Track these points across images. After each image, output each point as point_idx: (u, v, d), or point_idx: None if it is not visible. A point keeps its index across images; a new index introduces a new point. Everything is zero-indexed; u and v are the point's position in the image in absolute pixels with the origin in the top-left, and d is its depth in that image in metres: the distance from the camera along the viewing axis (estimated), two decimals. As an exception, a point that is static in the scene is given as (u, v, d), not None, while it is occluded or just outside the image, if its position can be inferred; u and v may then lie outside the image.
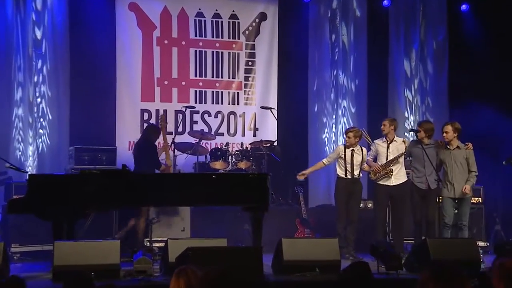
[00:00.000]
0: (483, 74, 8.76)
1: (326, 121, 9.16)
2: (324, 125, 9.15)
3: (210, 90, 8.80)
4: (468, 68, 8.90)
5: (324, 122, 9.15)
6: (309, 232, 7.61)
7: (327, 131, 9.16)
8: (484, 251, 6.92)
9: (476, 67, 8.83)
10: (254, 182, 5.98)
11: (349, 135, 7.06)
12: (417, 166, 6.85)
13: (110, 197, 5.60)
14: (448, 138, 6.68)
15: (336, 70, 9.20)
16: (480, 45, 8.85)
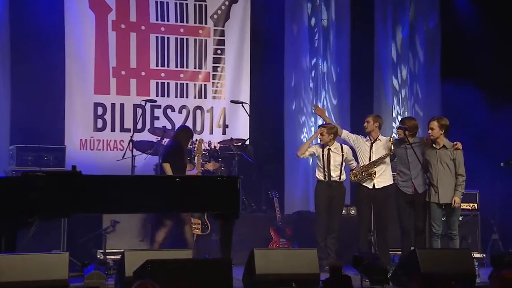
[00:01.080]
0: (479, 64, 8.88)
1: (305, 119, 9.19)
2: (303, 125, 9.19)
3: (173, 81, 8.75)
4: (463, 58, 9.02)
5: (303, 121, 9.18)
6: (284, 242, 7.63)
7: (306, 130, 9.20)
8: (480, 263, 7.03)
9: (472, 56, 8.95)
10: (224, 185, 5.96)
11: (322, 132, 7.10)
12: (402, 169, 6.89)
13: (57, 204, 5.50)
14: (433, 136, 6.68)
15: (316, 58, 9.25)
16: (476, 32, 8.99)
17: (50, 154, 7.41)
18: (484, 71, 8.85)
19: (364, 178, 6.97)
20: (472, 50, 8.89)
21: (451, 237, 6.63)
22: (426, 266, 5.57)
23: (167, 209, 6.12)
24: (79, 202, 5.53)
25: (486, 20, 8.89)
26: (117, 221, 6.95)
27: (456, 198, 6.57)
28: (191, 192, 5.84)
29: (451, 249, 6.53)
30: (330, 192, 7.00)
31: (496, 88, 8.90)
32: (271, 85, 9.05)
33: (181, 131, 7.31)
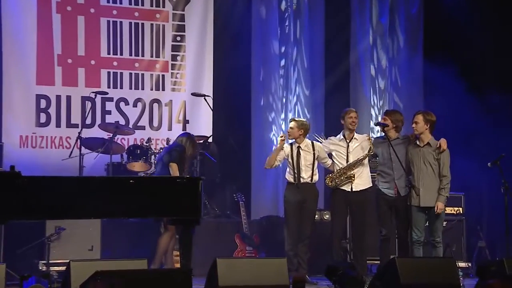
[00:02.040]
0: (464, 52, 9.02)
1: (275, 116, 9.22)
2: (272, 122, 9.22)
3: (127, 71, 8.70)
4: (447, 47, 9.14)
5: (272, 117, 9.21)
6: (251, 250, 7.64)
7: (275, 129, 9.23)
8: (465, 273, 7.12)
9: (458, 45, 9.08)
10: (183, 188, 5.92)
11: (291, 125, 7.05)
12: (384, 169, 6.90)
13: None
14: (418, 131, 6.71)
15: (287, 45, 9.28)
16: (462, 19, 9.10)
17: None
18: (470, 59, 9.01)
19: (342, 182, 6.97)
20: (457, 38, 9.02)
21: (434, 245, 6.68)
22: (406, 276, 5.60)
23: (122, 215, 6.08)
24: (18, 207, 5.44)
25: (471, 5, 9.02)
26: (62, 228, 6.88)
27: (440, 203, 6.61)
28: (146, 195, 5.79)
29: (434, 258, 6.59)
30: (301, 195, 6.99)
31: (483, 77, 9.05)
32: (237, 76, 9.07)
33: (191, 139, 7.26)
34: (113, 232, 7.28)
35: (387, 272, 5.84)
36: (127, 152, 8.06)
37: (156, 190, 5.88)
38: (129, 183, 5.85)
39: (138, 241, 7.37)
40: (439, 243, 6.69)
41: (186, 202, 5.87)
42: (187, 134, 7.35)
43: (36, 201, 5.50)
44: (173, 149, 7.02)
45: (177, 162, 6.94)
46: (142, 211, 5.90)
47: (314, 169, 7.06)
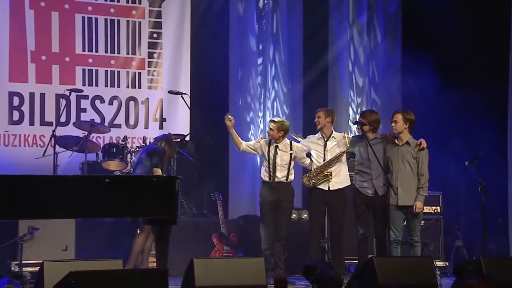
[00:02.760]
0: (443, 51, 9.08)
1: (253, 115, 9.23)
2: (251, 122, 9.24)
3: (102, 69, 8.66)
4: (426, 45, 9.20)
5: (251, 117, 9.21)
6: (229, 250, 7.64)
7: (253, 128, 9.23)
8: (443, 273, 7.18)
9: (436, 43, 9.14)
10: (159, 187, 5.92)
11: (271, 126, 7.04)
12: (362, 168, 6.93)
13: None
14: (397, 130, 6.75)
15: (265, 42, 9.29)
16: (440, 16, 9.16)
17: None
18: (448, 56, 9.07)
19: (320, 180, 6.97)
20: (435, 35, 9.08)
21: (412, 244, 6.72)
22: (384, 276, 5.63)
23: (97, 214, 6.05)
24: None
25: (449, 2, 9.10)
26: (35, 227, 6.83)
27: (418, 202, 6.65)
28: (121, 195, 5.78)
29: (412, 257, 6.63)
30: (276, 195, 6.98)
31: (462, 74, 9.12)
32: (215, 73, 9.06)
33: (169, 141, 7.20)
34: (88, 232, 7.24)
35: (365, 271, 5.87)
36: (102, 150, 8.03)
37: (132, 190, 5.87)
38: (104, 182, 5.83)
39: (113, 241, 7.34)
40: (417, 242, 6.73)
41: (162, 202, 5.87)
42: (165, 136, 7.31)
43: (9, 201, 5.46)
44: (154, 154, 6.95)
45: (160, 167, 6.90)
46: (117, 211, 5.89)
47: (290, 169, 7.05)
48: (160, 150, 7.01)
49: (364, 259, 6.62)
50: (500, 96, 9.12)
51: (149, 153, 6.96)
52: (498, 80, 9.09)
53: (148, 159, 6.91)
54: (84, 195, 5.67)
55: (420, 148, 6.71)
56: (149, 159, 6.90)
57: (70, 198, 5.63)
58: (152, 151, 6.99)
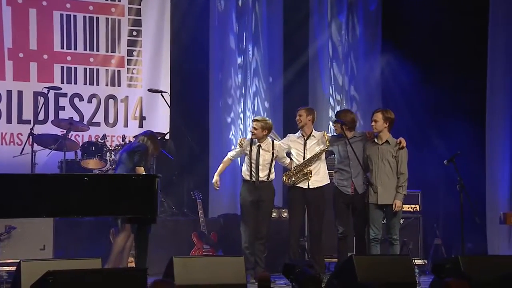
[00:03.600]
0: (423, 50, 9.14)
1: (233, 115, 9.23)
2: (232, 122, 9.25)
3: (81, 66, 8.61)
4: (405, 44, 9.26)
5: (232, 117, 9.21)
6: (208, 249, 7.64)
7: (233, 128, 9.25)
8: (421, 271, 7.24)
9: (415, 42, 9.19)
10: (139, 185, 5.89)
11: (255, 126, 7.05)
12: (341, 166, 6.97)
13: None
14: (377, 129, 6.80)
15: (245, 41, 9.29)
16: (421, 15, 9.22)
17: None
18: (428, 55, 9.14)
19: (299, 179, 7.00)
20: (415, 34, 9.14)
21: (391, 242, 6.77)
22: (363, 274, 5.67)
23: (76, 213, 6.00)
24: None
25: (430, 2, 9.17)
26: (12, 226, 6.78)
27: (398, 201, 6.70)
28: (100, 193, 5.75)
29: (391, 255, 6.67)
30: (257, 194, 7.00)
31: (441, 73, 9.20)
32: (195, 72, 9.05)
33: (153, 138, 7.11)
34: (66, 231, 7.20)
35: (345, 270, 5.91)
36: (81, 149, 7.98)
37: (111, 188, 5.84)
38: (83, 180, 5.81)
39: (92, 240, 7.30)
40: (396, 241, 6.78)
41: (142, 200, 5.84)
42: (148, 133, 7.23)
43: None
44: (136, 152, 6.89)
45: (142, 165, 6.84)
46: (96, 210, 5.85)
47: (271, 168, 7.08)
48: (142, 147, 6.97)
49: (343, 258, 6.66)
50: (479, 93, 9.21)
51: (130, 152, 6.90)
52: (477, 78, 9.19)
53: (129, 158, 6.85)
54: (62, 194, 5.62)
55: (400, 147, 6.76)
56: (130, 158, 6.84)
57: (48, 197, 5.58)
58: (134, 150, 6.94)
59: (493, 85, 9.23)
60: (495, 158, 9.19)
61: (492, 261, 6.37)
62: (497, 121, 9.20)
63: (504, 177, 9.11)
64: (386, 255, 6.68)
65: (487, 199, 9.11)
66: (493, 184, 9.14)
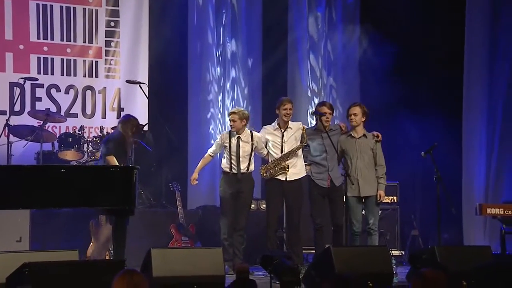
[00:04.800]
0: (401, 44, 9.17)
1: (213, 110, 9.22)
2: (212, 117, 9.22)
3: (58, 57, 8.54)
4: (384, 37, 9.29)
5: (211, 112, 9.19)
6: (187, 240, 7.63)
7: (213, 121, 9.22)
8: (398, 262, 7.29)
9: (394, 35, 9.22)
10: (117, 177, 5.89)
11: (233, 118, 7.02)
12: (317, 160, 6.97)
13: None
14: (356, 122, 6.83)
15: (223, 32, 9.27)
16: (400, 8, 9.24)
17: None
18: (406, 49, 9.18)
19: (277, 172, 6.98)
20: (394, 27, 9.17)
21: (370, 232, 6.82)
22: (341, 265, 5.70)
23: (53, 205, 5.98)
24: None
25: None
26: (-12, 218, 6.71)
27: (381, 191, 6.79)
28: (78, 185, 5.73)
29: (368, 246, 6.72)
30: (237, 185, 7.00)
31: (420, 66, 9.25)
32: (174, 63, 9.00)
33: (126, 121, 6.99)
34: (43, 223, 7.15)
35: (322, 261, 5.93)
36: (58, 140, 7.94)
37: (89, 180, 5.82)
38: (60, 172, 5.78)
39: (69, 232, 7.26)
40: (375, 231, 6.84)
41: (120, 192, 5.84)
42: (125, 117, 7.11)
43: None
44: (108, 142, 6.82)
45: (113, 153, 6.74)
46: (74, 201, 5.84)
47: (251, 160, 7.08)
48: (113, 135, 6.91)
49: (320, 249, 6.70)
50: (456, 86, 9.28)
51: (104, 142, 6.87)
52: (454, 71, 9.26)
53: (104, 148, 6.82)
54: (39, 186, 5.61)
55: (378, 140, 6.83)
56: (104, 148, 6.80)
57: (24, 189, 5.56)
58: (108, 139, 6.90)
59: (469, 78, 9.30)
60: (471, 150, 9.28)
61: (467, 252, 6.46)
62: (474, 114, 9.29)
63: (480, 169, 9.21)
64: (364, 246, 6.72)
65: (463, 190, 9.20)
66: (469, 175, 9.23)
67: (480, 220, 8.91)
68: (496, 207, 7.73)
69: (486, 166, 9.20)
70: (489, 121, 9.22)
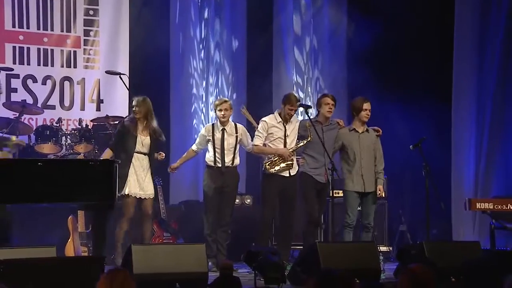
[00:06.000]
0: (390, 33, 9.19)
1: (196, 105, 9.22)
2: (194, 112, 9.22)
3: (35, 46, 8.48)
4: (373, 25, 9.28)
5: (194, 108, 9.18)
6: (169, 236, 7.62)
7: (196, 116, 9.22)
8: (386, 258, 7.33)
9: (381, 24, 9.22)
10: (97, 171, 5.87)
11: (226, 107, 6.93)
12: (314, 154, 6.94)
13: None
14: (367, 118, 6.92)
15: (207, 21, 9.27)
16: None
17: None
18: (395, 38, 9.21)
19: (282, 168, 6.88)
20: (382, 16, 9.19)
21: (368, 228, 6.90)
22: (327, 261, 5.73)
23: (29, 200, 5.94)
24: None
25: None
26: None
27: (380, 186, 6.94)
28: (58, 180, 5.70)
29: (355, 242, 6.77)
30: (221, 180, 6.97)
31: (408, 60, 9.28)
32: (156, 53, 8.95)
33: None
34: (20, 219, 7.09)
35: (308, 257, 5.96)
36: (35, 133, 7.89)
37: (67, 174, 5.79)
38: (37, 166, 5.75)
39: (47, 228, 7.23)
40: (372, 227, 6.95)
41: (100, 186, 5.82)
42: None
43: None
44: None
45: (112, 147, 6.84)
46: (51, 196, 5.81)
47: (236, 153, 7.04)
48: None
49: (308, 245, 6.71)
50: (445, 77, 9.33)
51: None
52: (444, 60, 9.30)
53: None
54: (14, 180, 5.57)
55: (378, 134, 6.97)
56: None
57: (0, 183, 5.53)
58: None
59: (459, 69, 9.35)
60: (460, 144, 9.34)
61: (456, 247, 6.52)
62: (463, 106, 9.35)
63: (470, 163, 9.27)
64: (351, 242, 6.76)
65: (453, 185, 9.26)
66: (459, 169, 9.29)
67: (470, 215, 8.97)
68: (486, 202, 7.79)
69: (475, 159, 9.27)
70: (478, 113, 9.28)
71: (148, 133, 6.94)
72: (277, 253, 6.14)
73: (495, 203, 7.73)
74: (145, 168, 6.91)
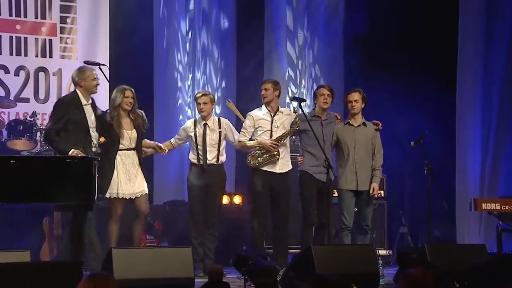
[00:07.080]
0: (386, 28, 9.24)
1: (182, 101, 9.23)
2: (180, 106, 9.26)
3: (6, 34, 8.50)
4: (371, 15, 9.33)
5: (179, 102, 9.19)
6: (152, 239, 7.63)
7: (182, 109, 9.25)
8: (386, 262, 7.37)
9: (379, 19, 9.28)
10: (74, 169, 5.88)
11: (205, 100, 6.96)
12: (313, 150, 6.91)
13: None
14: (357, 110, 6.84)
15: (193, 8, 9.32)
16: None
17: None
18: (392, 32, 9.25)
19: (266, 160, 6.88)
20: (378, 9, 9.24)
21: (366, 230, 6.90)
22: (322, 266, 5.74)
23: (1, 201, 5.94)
24: None
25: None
26: None
27: (375, 184, 6.85)
28: (30, 178, 5.72)
29: (352, 245, 6.78)
30: (206, 178, 6.98)
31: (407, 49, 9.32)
32: (138, 42, 8.96)
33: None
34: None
35: (302, 261, 5.96)
36: (7, 128, 7.91)
37: (43, 172, 5.81)
38: (9, 163, 5.74)
39: (21, 231, 7.23)
40: (370, 229, 6.95)
41: (77, 186, 5.84)
42: None
43: None
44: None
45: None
46: (25, 197, 5.82)
47: (221, 149, 7.04)
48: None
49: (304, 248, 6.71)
50: (449, 69, 9.37)
51: None
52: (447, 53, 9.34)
53: None
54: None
55: (378, 128, 6.90)
56: None
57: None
58: None
59: (464, 62, 9.39)
60: (465, 140, 9.38)
61: (460, 251, 6.54)
62: (468, 100, 9.39)
63: (475, 160, 9.30)
64: (347, 245, 6.77)
65: (457, 183, 9.30)
66: (463, 167, 9.32)
67: (475, 216, 9.02)
68: (492, 202, 7.83)
69: (481, 157, 9.30)
70: (485, 107, 9.32)
71: (133, 126, 6.88)
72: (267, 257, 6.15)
73: (502, 204, 7.77)
74: (136, 164, 6.82)
